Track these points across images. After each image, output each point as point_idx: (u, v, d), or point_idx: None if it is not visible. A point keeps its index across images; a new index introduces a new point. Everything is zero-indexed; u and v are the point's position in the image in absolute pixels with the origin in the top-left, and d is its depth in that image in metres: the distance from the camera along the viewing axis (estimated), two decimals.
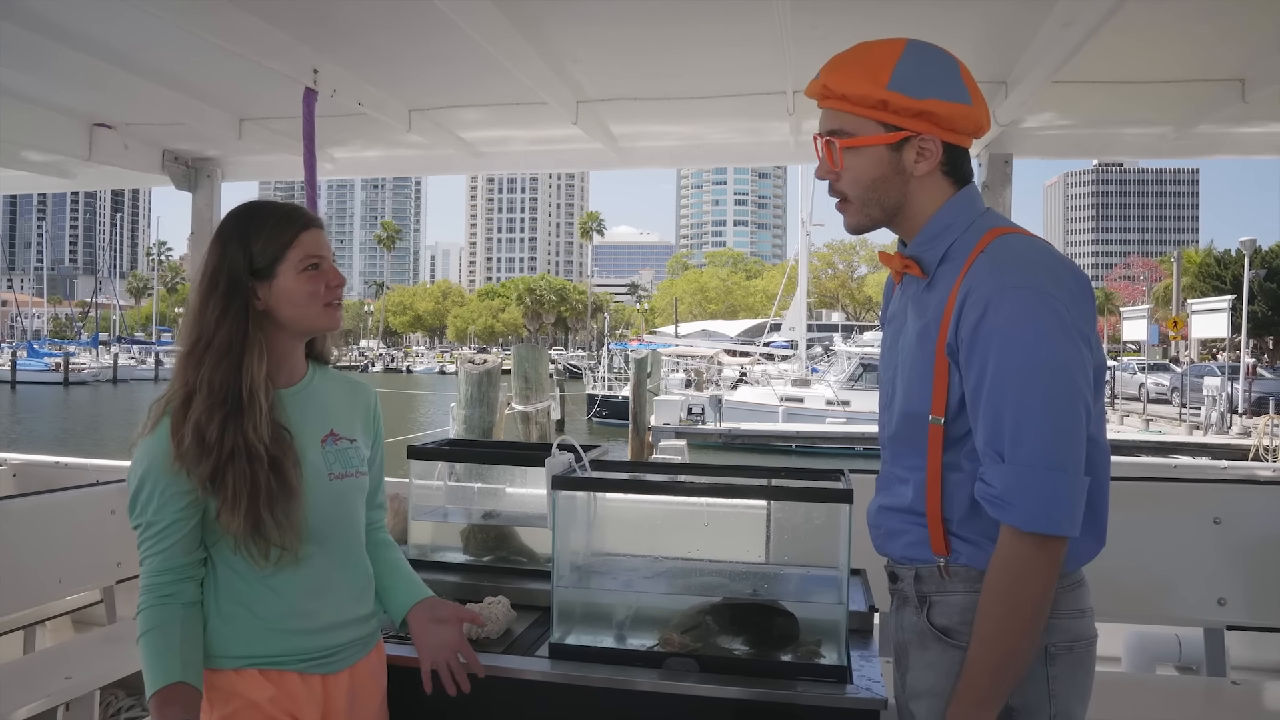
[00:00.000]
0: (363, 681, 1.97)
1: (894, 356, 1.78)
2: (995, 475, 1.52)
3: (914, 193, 1.69)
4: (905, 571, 1.74)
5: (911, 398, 1.68)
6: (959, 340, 1.57)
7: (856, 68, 1.66)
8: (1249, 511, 3.22)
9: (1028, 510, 1.49)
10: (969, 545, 1.63)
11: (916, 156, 1.65)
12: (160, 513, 1.75)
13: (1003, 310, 1.51)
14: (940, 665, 1.65)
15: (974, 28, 2.71)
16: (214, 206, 4.29)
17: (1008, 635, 1.54)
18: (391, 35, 2.83)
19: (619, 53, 3.01)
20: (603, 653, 2.17)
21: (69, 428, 35.58)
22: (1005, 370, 1.51)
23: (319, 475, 1.87)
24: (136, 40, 2.88)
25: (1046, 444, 1.49)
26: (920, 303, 1.70)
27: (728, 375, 37.19)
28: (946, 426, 1.62)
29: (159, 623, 1.75)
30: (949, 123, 1.64)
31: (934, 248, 1.69)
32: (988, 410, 1.53)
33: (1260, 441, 20.14)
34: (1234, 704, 2.95)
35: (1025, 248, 1.60)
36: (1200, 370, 30.59)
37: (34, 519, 3.61)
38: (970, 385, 1.57)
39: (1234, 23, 2.64)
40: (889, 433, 1.78)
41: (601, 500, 2.58)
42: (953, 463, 1.64)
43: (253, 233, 1.83)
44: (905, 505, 1.72)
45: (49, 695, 3.00)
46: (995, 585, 1.55)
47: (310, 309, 1.85)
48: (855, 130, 1.66)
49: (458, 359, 11.51)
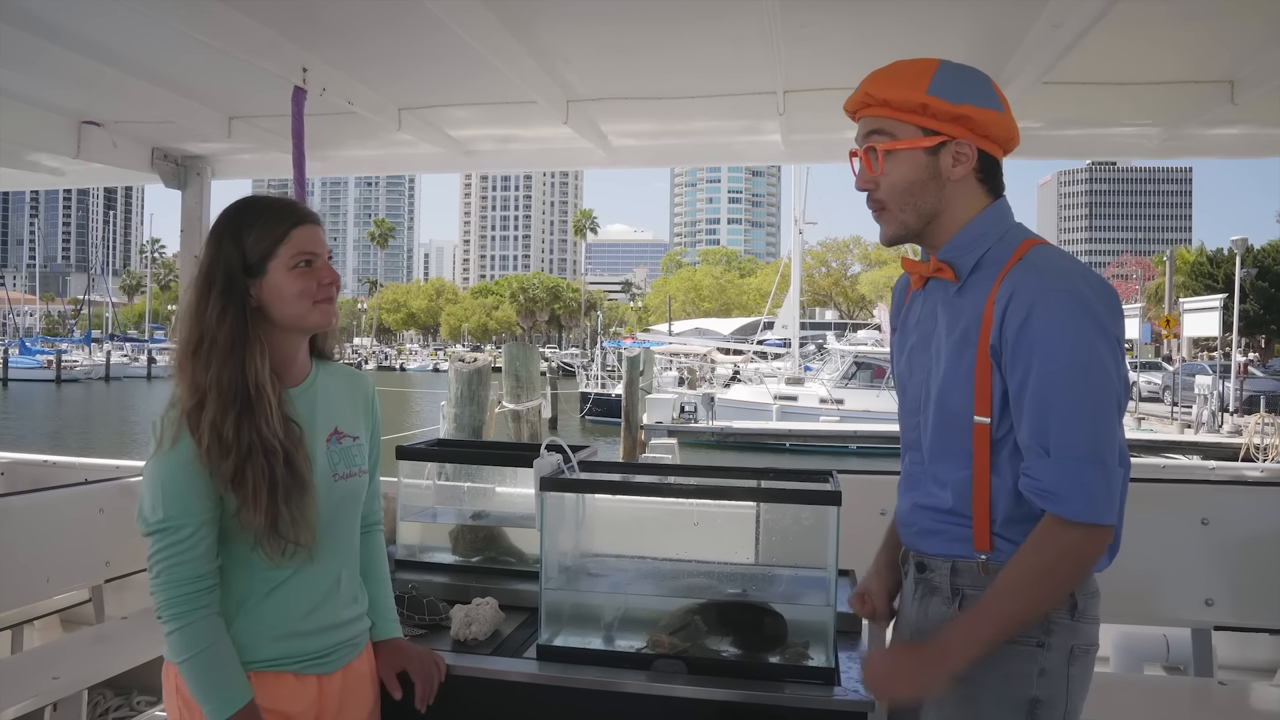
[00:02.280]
0: (356, 681, 1.97)
1: (925, 359, 1.82)
2: (1042, 469, 1.59)
3: (950, 199, 1.75)
4: (939, 564, 1.78)
5: (952, 399, 1.72)
6: (1003, 341, 1.63)
7: (897, 76, 1.73)
8: (1236, 512, 3.23)
9: (1073, 502, 1.56)
10: (1012, 545, 1.68)
11: (953, 161, 1.72)
12: (188, 516, 1.72)
13: (1047, 311, 1.58)
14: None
15: (964, 27, 2.71)
16: (204, 205, 4.27)
17: (1030, 598, 1.61)
18: (381, 33, 2.82)
19: (609, 52, 3.00)
20: (590, 654, 2.17)
21: (61, 426, 35.45)
22: (1051, 369, 1.58)
23: (325, 477, 1.87)
24: (125, 38, 2.86)
25: (1090, 439, 1.57)
26: (954, 307, 1.75)
27: (721, 373, 37.21)
28: (992, 426, 1.68)
29: (211, 640, 1.74)
30: (984, 128, 1.72)
31: (968, 254, 1.75)
32: (1033, 407, 1.60)
33: (1251, 440, 20.21)
34: (1221, 704, 2.95)
35: (1062, 257, 1.69)
36: (1192, 369, 30.70)
37: (22, 518, 3.59)
38: (1015, 384, 1.63)
39: (1223, 25, 2.64)
40: (927, 434, 1.80)
41: (590, 501, 2.57)
42: (997, 464, 1.69)
43: (245, 229, 1.81)
44: (946, 507, 1.75)
45: (37, 695, 2.98)
46: (1033, 555, 1.61)
47: (301, 306, 1.82)
48: (895, 133, 1.73)
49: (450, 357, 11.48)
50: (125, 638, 3.51)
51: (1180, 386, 28.17)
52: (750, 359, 40.51)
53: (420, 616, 2.36)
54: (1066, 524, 1.57)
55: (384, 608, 2.11)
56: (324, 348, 2.00)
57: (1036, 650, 1.67)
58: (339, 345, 2.09)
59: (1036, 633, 1.66)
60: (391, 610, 2.13)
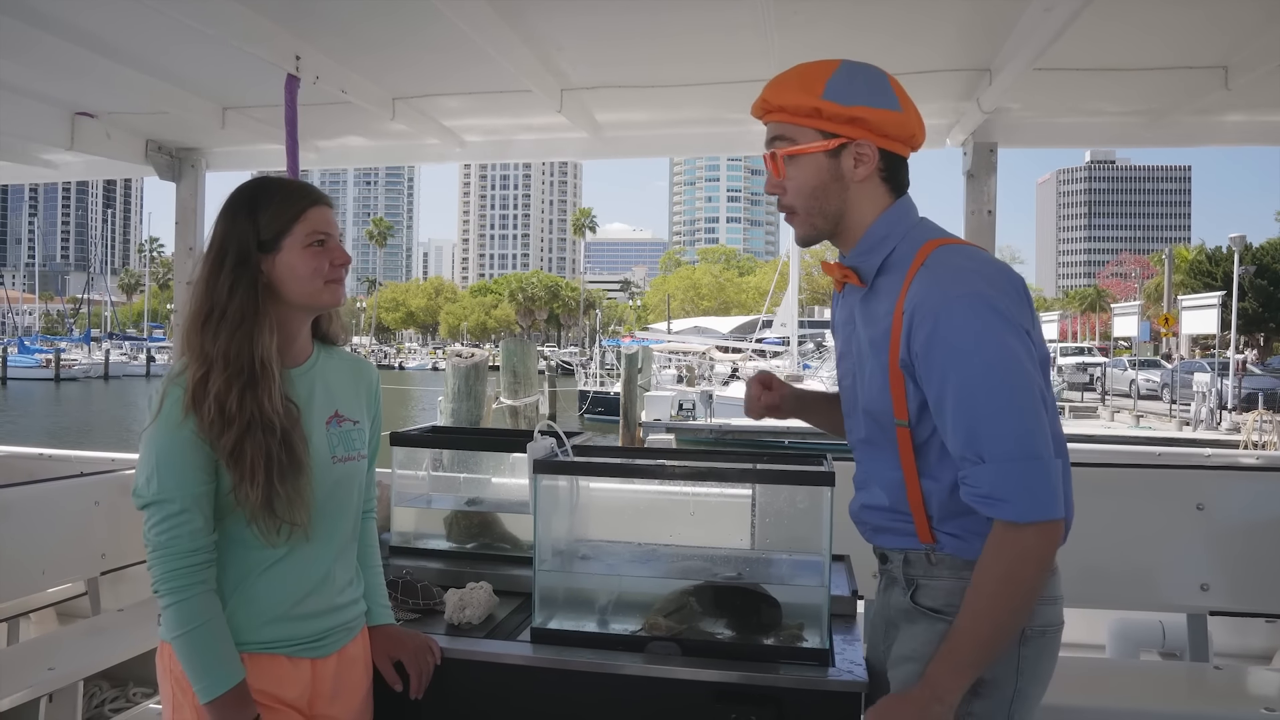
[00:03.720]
0: (350, 665, 1.97)
1: (849, 363, 1.87)
2: (979, 476, 1.58)
3: (854, 200, 1.76)
4: (895, 555, 1.82)
5: (874, 403, 1.75)
6: (913, 355, 1.64)
7: (793, 81, 1.75)
8: (1232, 498, 3.24)
9: (1018, 503, 1.55)
10: (953, 539, 1.71)
11: (855, 162, 1.73)
12: (185, 487, 1.72)
13: (950, 320, 1.58)
14: (926, 635, 1.72)
15: (956, 13, 2.71)
16: (198, 197, 4.27)
17: (999, 612, 1.59)
18: (374, 22, 2.82)
19: (603, 40, 3.00)
20: (584, 637, 2.16)
21: (59, 424, 35.43)
22: (966, 377, 1.57)
23: (323, 458, 1.87)
24: (118, 26, 2.86)
25: (1020, 437, 1.55)
26: (865, 312, 1.78)
27: (720, 371, 37.19)
28: (913, 429, 1.70)
29: (206, 617, 1.74)
30: (880, 128, 1.72)
31: (871, 258, 1.77)
32: (957, 417, 1.59)
33: (1249, 437, 20.22)
34: (1217, 689, 2.96)
35: (961, 258, 1.68)
36: (1191, 367, 30.68)
37: (18, 510, 3.59)
38: (933, 396, 1.63)
39: (1217, 10, 2.64)
40: (859, 436, 1.86)
41: (585, 487, 2.57)
42: (924, 467, 1.71)
43: (261, 206, 1.82)
44: (886, 505, 1.79)
45: (32, 686, 2.98)
46: (992, 567, 1.60)
47: (313, 284, 1.83)
48: (795, 138, 1.75)
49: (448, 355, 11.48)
50: (121, 630, 3.51)
51: (1179, 384, 28.13)
52: (749, 357, 40.46)
53: (414, 601, 2.36)
54: (1016, 527, 1.56)
55: (377, 594, 2.11)
56: (328, 331, 2.01)
57: None
58: (345, 334, 2.09)
59: None
60: (384, 597, 2.14)
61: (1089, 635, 3.68)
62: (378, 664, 2.05)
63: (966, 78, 3.18)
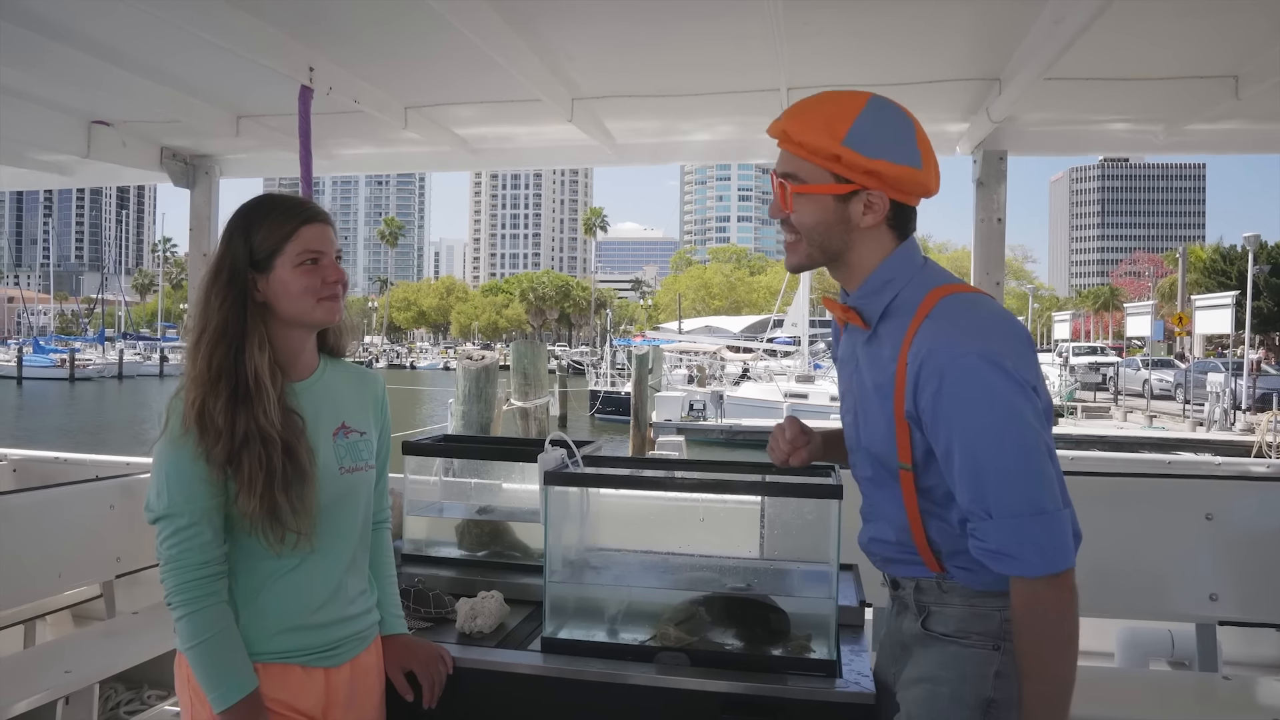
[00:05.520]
0: (363, 674, 1.99)
1: (850, 401, 1.88)
2: (988, 531, 1.59)
3: (856, 243, 1.76)
4: (906, 583, 1.84)
5: (877, 445, 1.76)
6: (919, 409, 1.64)
7: (816, 118, 1.72)
8: (1241, 507, 3.23)
9: (1027, 559, 1.57)
10: (963, 570, 1.72)
11: (864, 209, 1.72)
12: (193, 501, 1.76)
13: (957, 380, 1.59)
14: (939, 659, 1.74)
15: (966, 24, 2.71)
16: (212, 203, 4.30)
17: (1054, 667, 1.61)
18: (386, 32, 2.84)
19: (613, 50, 3.01)
20: (594, 647, 2.18)
21: (73, 424, 35.64)
22: (972, 436, 1.59)
23: (330, 469, 1.89)
24: (133, 38, 2.89)
25: (1027, 493, 1.57)
26: (869, 356, 1.78)
27: (731, 371, 37.18)
28: (916, 474, 1.71)
29: (218, 628, 1.77)
30: (895, 183, 1.71)
31: (875, 301, 1.76)
32: (965, 473, 1.60)
33: (1263, 438, 20.10)
34: (1226, 699, 2.95)
35: (966, 309, 1.68)
36: (1204, 366, 30.48)
37: (34, 514, 3.63)
38: (940, 449, 1.64)
39: (1227, 19, 2.63)
40: (864, 474, 1.86)
41: (595, 496, 2.59)
42: (928, 507, 1.73)
43: (255, 225, 1.85)
44: (893, 540, 1.81)
45: (48, 689, 3.01)
46: (1027, 630, 1.61)
47: (304, 303, 1.85)
48: (808, 177, 1.73)
49: (459, 355, 11.46)
50: (136, 632, 3.54)
51: (1192, 384, 27.96)
52: (760, 357, 40.45)
53: (426, 609, 2.38)
54: (1028, 582, 1.58)
55: (390, 604, 2.13)
56: (335, 345, 2.03)
57: (993, 653, 1.70)
58: (354, 342, 2.11)
59: (994, 636, 1.70)
60: (397, 606, 2.15)
61: (1098, 644, 3.67)
62: (389, 673, 2.07)
63: (976, 87, 3.18)
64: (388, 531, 2.19)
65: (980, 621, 1.71)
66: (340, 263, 1.94)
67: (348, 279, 1.96)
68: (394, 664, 2.07)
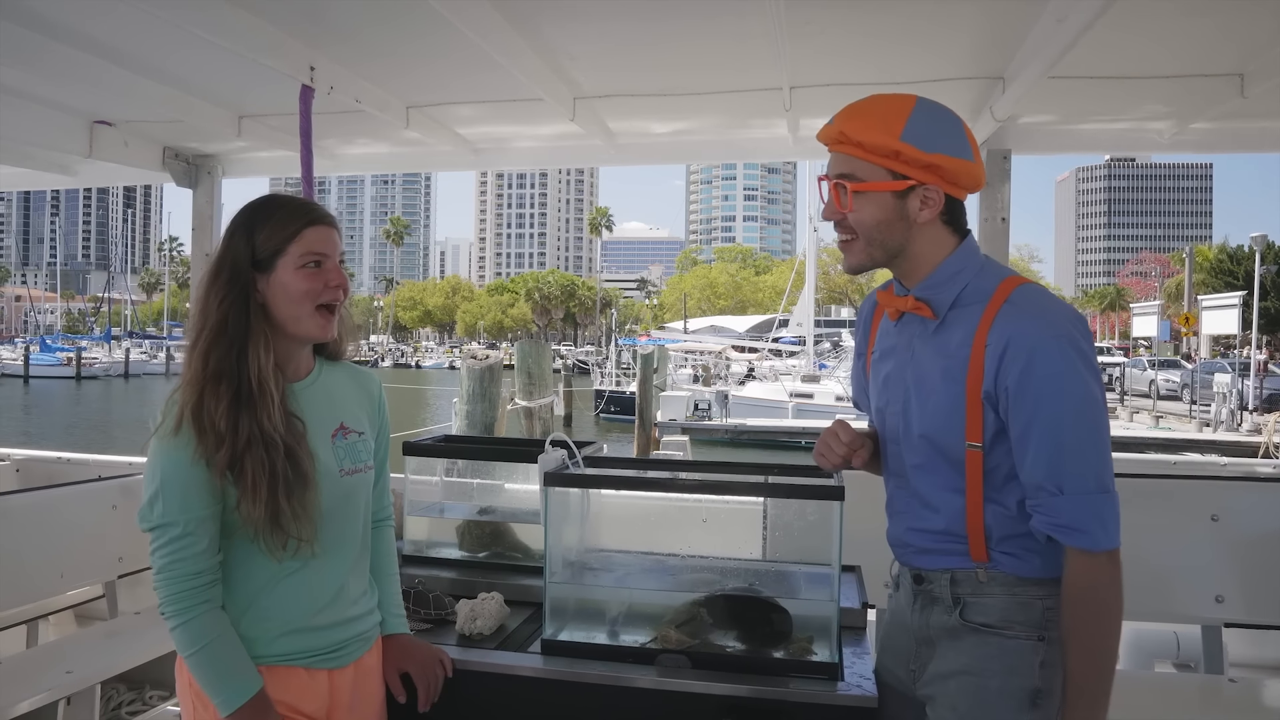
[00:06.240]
0: (366, 676, 1.99)
1: (900, 391, 1.88)
2: (1059, 506, 1.66)
3: (915, 239, 1.80)
4: (938, 576, 1.84)
5: (938, 428, 1.79)
6: (1000, 388, 1.70)
7: (872, 117, 1.76)
8: (1247, 509, 3.21)
9: (1094, 533, 1.65)
10: (1010, 557, 1.77)
11: (921, 205, 1.77)
12: (188, 510, 1.73)
13: (1046, 360, 1.66)
14: (976, 650, 1.77)
15: (970, 22, 2.70)
16: (215, 203, 4.30)
17: (1104, 640, 1.69)
18: (387, 32, 2.83)
19: (614, 49, 3.00)
20: (594, 649, 2.17)
21: (79, 422, 35.75)
22: (1057, 414, 1.66)
23: (330, 471, 1.87)
24: (134, 37, 2.89)
25: (1099, 473, 1.66)
26: (935, 344, 1.81)
27: (736, 371, 37.17)
28: (985, 453, 1.75)
29: (216, 633, 1.76)
30: (953, 177, 1.76)
31: (945, 291, 1.81)
32: (1043, 449, 1.67)
33: (1270, 439, 20.04)
34: (1231, 701, 2.94)
35: (1044, 297, 1.76)
36: (1211, 367, 30.39)
37: (37, 514, 3.63)
38: (1018, 427, 1.69)
39: (1232, 17, 2.62)
40: (914, 461, 1.86)
41: (596, 497, 2.58)
42: (990, 490, 1.77)
43: (259, 225, 1.82)
44: (940, 528, 1.83)
45: (50, 689, 3.01)
46: (1082, 603, 1.69)
47: (302, 308, 1.82)
48: (865, 176, 1.77)
49: (463, 355, 11.47)
50: (138, 633, 3.55)
51: (1199, 385, 27.86)
52: (765, 356, 40.44)
53: (426, 611, 2.38)
54: (1091, 555, 1.66)
55: (391, 603, 2.12)
56: (333, 350, 2.01)
57: (1038, 643, 1.74)
58: (354, 343, 2.08)
59: (1037, 626, 1.74)
60: (399, 606, 2.14)
61: None
62: (386, 676, 2.06)
63: (980, 86, 3.17)
64: (390, 530, 2.18)
65: (1023, 611, 1.75)
66: (343, 267, 1.92)
67: (349, 286, 1.92)
68: (390, 665, 2.06)
